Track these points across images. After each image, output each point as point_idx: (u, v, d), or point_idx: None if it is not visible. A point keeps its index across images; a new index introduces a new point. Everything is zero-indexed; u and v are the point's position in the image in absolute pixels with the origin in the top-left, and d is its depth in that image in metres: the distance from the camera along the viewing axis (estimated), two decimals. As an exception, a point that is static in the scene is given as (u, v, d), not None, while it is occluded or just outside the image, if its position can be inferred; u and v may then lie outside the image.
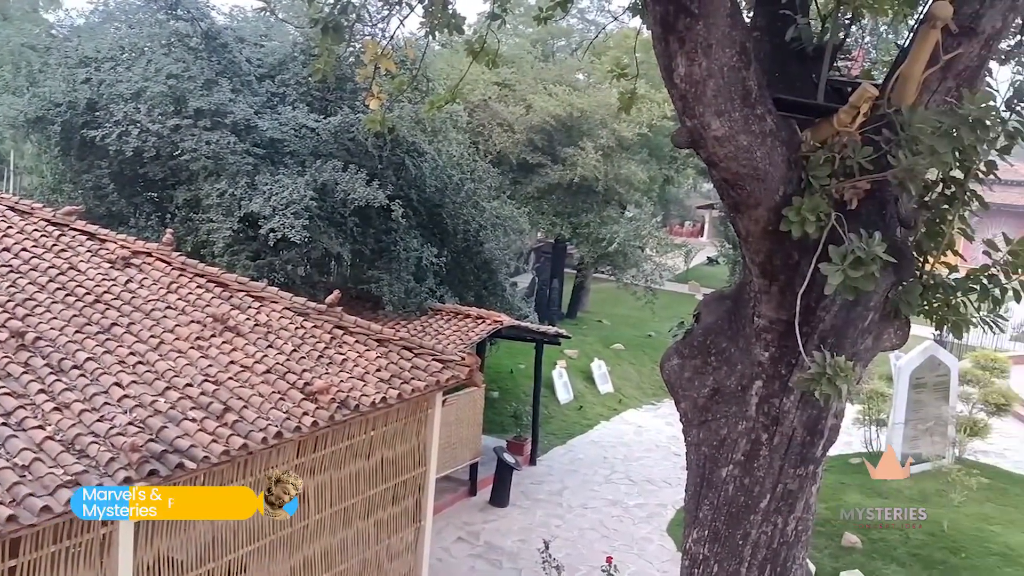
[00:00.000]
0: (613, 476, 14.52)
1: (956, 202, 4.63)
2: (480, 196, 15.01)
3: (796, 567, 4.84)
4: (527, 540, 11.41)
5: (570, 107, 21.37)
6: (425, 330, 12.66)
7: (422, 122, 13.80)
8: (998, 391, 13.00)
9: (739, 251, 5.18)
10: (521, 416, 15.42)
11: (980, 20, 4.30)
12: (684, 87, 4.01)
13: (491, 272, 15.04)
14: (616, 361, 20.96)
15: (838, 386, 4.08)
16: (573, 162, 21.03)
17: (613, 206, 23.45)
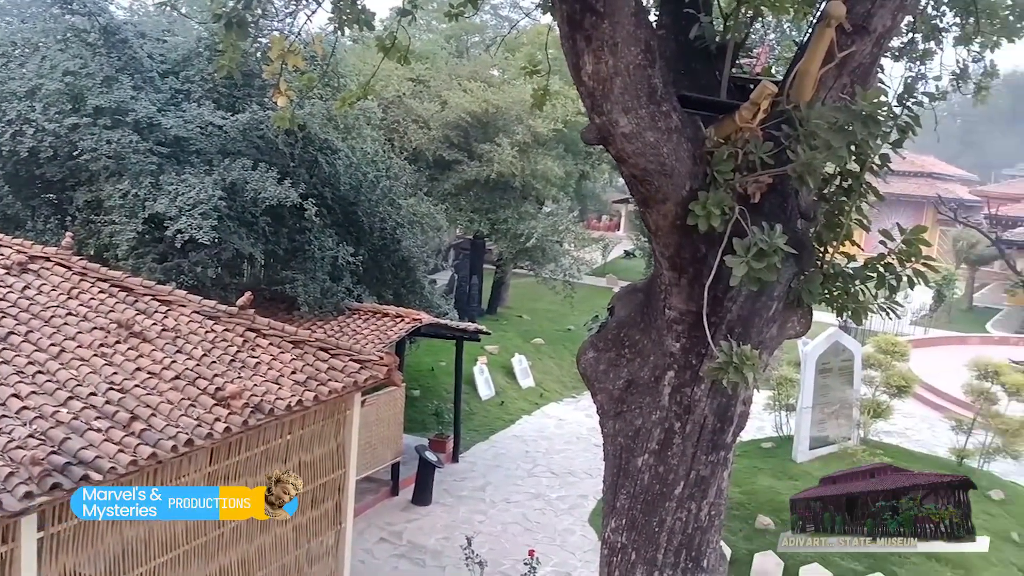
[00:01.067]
0: (535, 469, 14.64)
1: (853, 194, 4.82)
2: (396, 193, 14.89)
3: (710, 551, 4.98)
4: (450, 538, 11.40)
5: (485, 103, 21.38)
6: (343, 330, 12.49)
7: (334, 119, 13.59)
8: (899, 374, 13.60)
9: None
10: (443, 414, 15.39)
11: (872, 19, 4.49)
12: (592, 84, 4.07)
13: (409, 270, 14.95)
14: (537, 355, 21.11)
15: (744, 374, 4.21)
16: (490, 158, 21.06)
17: (531, 202, 23.59)
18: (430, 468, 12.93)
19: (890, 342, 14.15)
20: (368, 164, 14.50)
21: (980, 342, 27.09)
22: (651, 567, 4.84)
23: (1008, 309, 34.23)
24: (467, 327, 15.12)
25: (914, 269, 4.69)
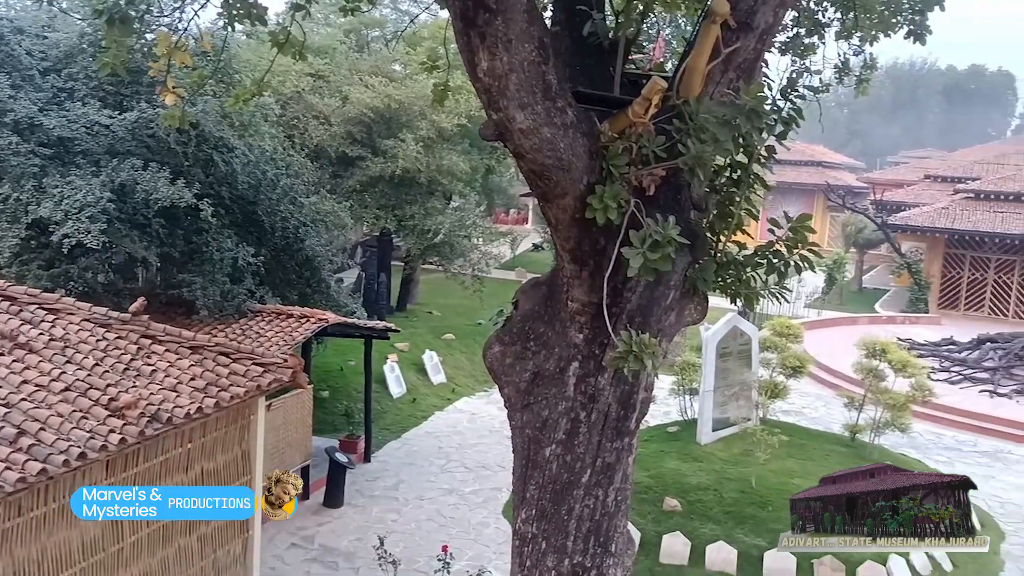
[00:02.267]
0: (449, 465, 14.64)
1: (742, 185, 4.99)
2: (297, 192, 14.58)
3: (618, 535, 5.09)
4: (363, 539, 11.29)
5: (388, 98, 21.17)
6: (245, 333, 12.18)
7: (229, 116, 13.21)
8: (794, 355, 14.18)
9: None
10: (353, 414, 15.21)
11: (755, 16, 4.66)
12: (488, 81, 4.09)
13: (314, 269, 14.68)
14: (448, 351, 21.09)
15: (644, 361, 4.33)
16: (394, 154, 20.88)
17: (437, 197, 23.51)
18: (341, 469, 12.77)
19: (785, 325, 14.74)
20: (267, 162, 14.16)
21: (869, 322, 28.48)
22: (561, 555, 4.92)
23: (894, 290, 36.13)
24: (376, 325, 14.97)
25: (800, 255, 4.91)
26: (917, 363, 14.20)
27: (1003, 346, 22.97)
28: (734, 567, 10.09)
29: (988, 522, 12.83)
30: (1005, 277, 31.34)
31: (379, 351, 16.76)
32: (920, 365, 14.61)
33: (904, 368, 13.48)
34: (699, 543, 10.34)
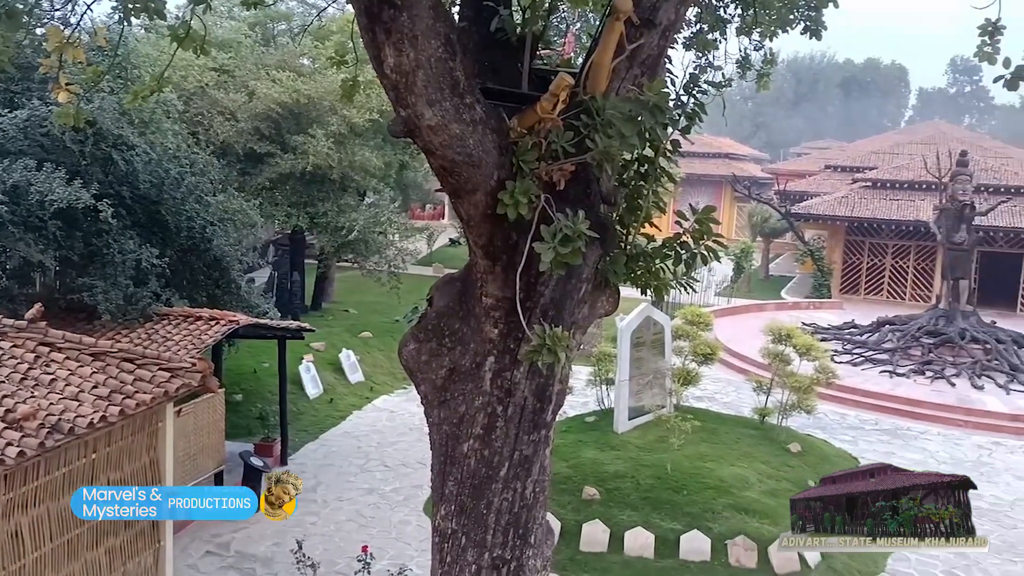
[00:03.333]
0: (368, 464, 14.50)
1: (649, 178, 5.11)
2: (203, 190, 14.15)
3: (537, 527, 5.15)
4: (281, 543, 11.08)
5: (296, 93, 20.76)
6: (151, 337, 11.77)
7: (129, 113, 12.72)
8: (705, 343, 14.58)
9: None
10: (268, 416, 14.90)
11: (657, 12, 4.76)
12: (395, 77, 4.06)
13: (223, 270, 14.28)
14: (365, 349, 20.86)
15: (558, 354, 4.39)
16: (304, 150, 20.49)
17: (351, 193, 23.20)
18: (256, 474, 12.48)
19: (696, 314, 15.13)
20: (170, 160, 13.70)
21: (776, 308, 29.51)
22: (481, 548, 4.95)
23: (799, 276, 37.52)
24: (289, 325, 14.70)
25: (706, 246, 5.06)
26: (820, 347, 14.80)
27: (900, 328, 24.12)
28: (652, 551, 10.33)
29: (888, 496, 13.47)
30: (901, 262, 32.94)
31: (294, 352, 16.46)
32: (823, 348, 15.24)
33: (808, 352, 14.02)
34: (618, 530, 10.54)
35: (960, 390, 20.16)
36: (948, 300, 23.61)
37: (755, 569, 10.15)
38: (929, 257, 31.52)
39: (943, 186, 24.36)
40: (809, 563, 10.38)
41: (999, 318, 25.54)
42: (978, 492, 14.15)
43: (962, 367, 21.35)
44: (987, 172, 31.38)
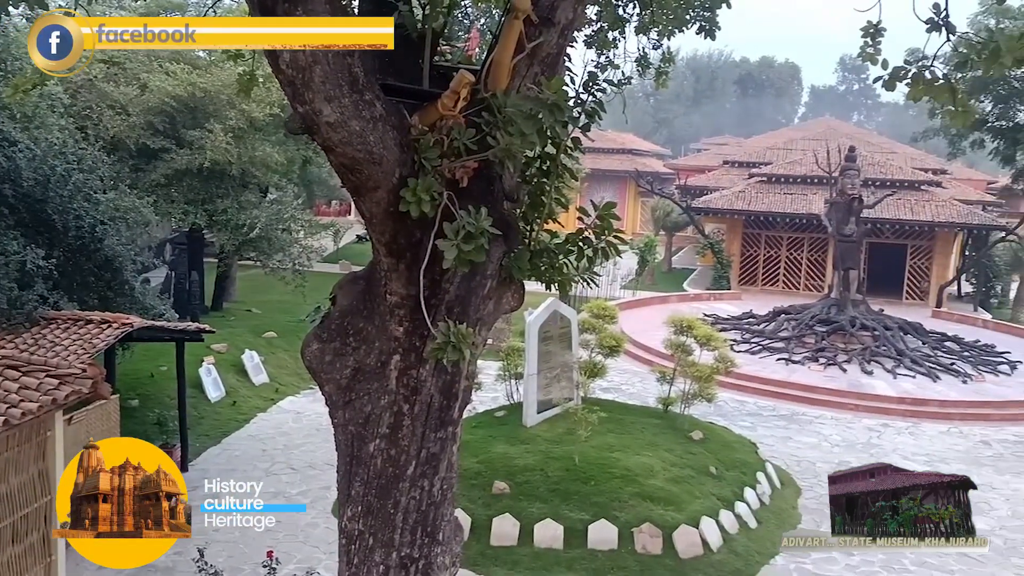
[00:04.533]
0: (274, 467, 14.19)
1: (552, 175, 5.17)
2: (93, 187, 13.52)
3: (445, 524, 5.15)
4: (183, 552, 10.67)
5: (192, 87, 20.07)
6: (38, 343, 11.17)
7: (9, 108, 12.05)
8: (610, 335, 14.84)
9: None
10: (167, 422, 14.37)
11: (556, 11, 4.82)
12: (291, 73, 3.98)
13: (115, 271, 13.69)
14: (270, 350, 20.37)
15: (463, 351, 4.41)
16: (201, 145, 19.84)
17: (252, 190, 22.61)
18: (156, 481, 12.04)
19: (602, 307, 15.39)
20: (56, 156, 13.03)
21: (679, 300, 30.33)
22: (388, 548, 4.92)
23: (700, 269, 38.67)
24: (188, 327, 14.23)
25: (607, 241, 5.16)
26: (720, 337, 15.27)
27: (795, 317, 25.15)
28: (561, 542, 10.47)
29: (788, 480, 14.06)
30: (796, 254, 34.34)
31: (194, 354, 15.93)
32: (723, 338, 15.73)
33: (708, 342, 14.45)
34: (527, 522, 10.65)
35: (851, 375, 21.18)
36: (839, 290, 24.74)
37: (660, 555, 10.43)
38: (821, 249, 32.94)
39: (833, 180, 25.51)
40: (712, 547, 10.74)
41: (886, 306, 26.95)
42: (867, 471, 14.94)
43: (853, 353, 22.42)
44: (874, 167, 33.02)
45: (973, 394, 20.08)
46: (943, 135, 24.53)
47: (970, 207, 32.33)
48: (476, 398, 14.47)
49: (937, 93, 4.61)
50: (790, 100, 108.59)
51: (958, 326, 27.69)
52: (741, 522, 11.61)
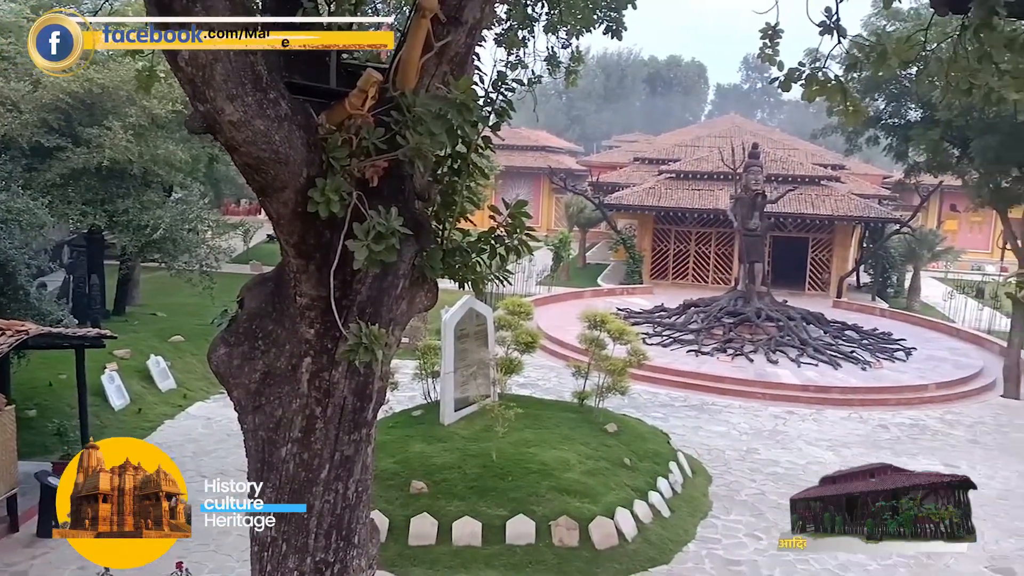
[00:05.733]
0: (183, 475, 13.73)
1: (463, 174, 5.18)
2: (-19, 188, 12.87)
3: (360, 527, 5.11)
4: (86, 567, 10.28)
5: (88, 83, 19.23)
6: (-77, 353, 10.57)
7: None
8: (526, 331, 14.96)
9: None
10: (67, 432, 13.74)
11: (463, 10, 4.83)
12: (191, 71, 3.88)
13: (8, 275, 13.05)
14: (177, 354, 19.73)
15: (375, 352, 4.38)
16: (100, 144, 19.04)
17: (155, 189, 21.81)
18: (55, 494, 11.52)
19: (517, 304, 15.49)
20: (-60, 155, 12.34)
21: (593, 295, 30.78)
22: (303, 554, 4.86)
23: (613, 264, 39.33)
24: (87, 333, 13.63)
25: (519, 239, 5.21)
26: (632, 330, 15.57)
27: (704, 310, 25.85)
28: (479, 539, 10.51)
29: (699, 468, 14.47)
30: (704, 248, 35.30)
31: (95, 360, 15.29)
32: (635, 332, 16.04)
33: (621, 336, 14.71)
34: (445, 521, 10.65)
35: (758, 365, 21.92)
36: (745, 282, 25.55)
37: (577, 547, 10.59)
38: (728, 243, 33.95)
39: (738, 177, 26.32)
40: (627, 537, 10.96)
41: (790, 297, 28.00)
42: (775, 458, 15.53)
43: (759, 344, 23.20)
44: (776, 163, 34.22)
45: (872, 380, 21.05)
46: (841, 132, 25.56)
47: (867, 201, 33.89)
48: (393, 398, 14.37)
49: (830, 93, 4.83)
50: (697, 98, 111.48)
51: (857, 315, 29.00)
52: (655, 511, 11.89)
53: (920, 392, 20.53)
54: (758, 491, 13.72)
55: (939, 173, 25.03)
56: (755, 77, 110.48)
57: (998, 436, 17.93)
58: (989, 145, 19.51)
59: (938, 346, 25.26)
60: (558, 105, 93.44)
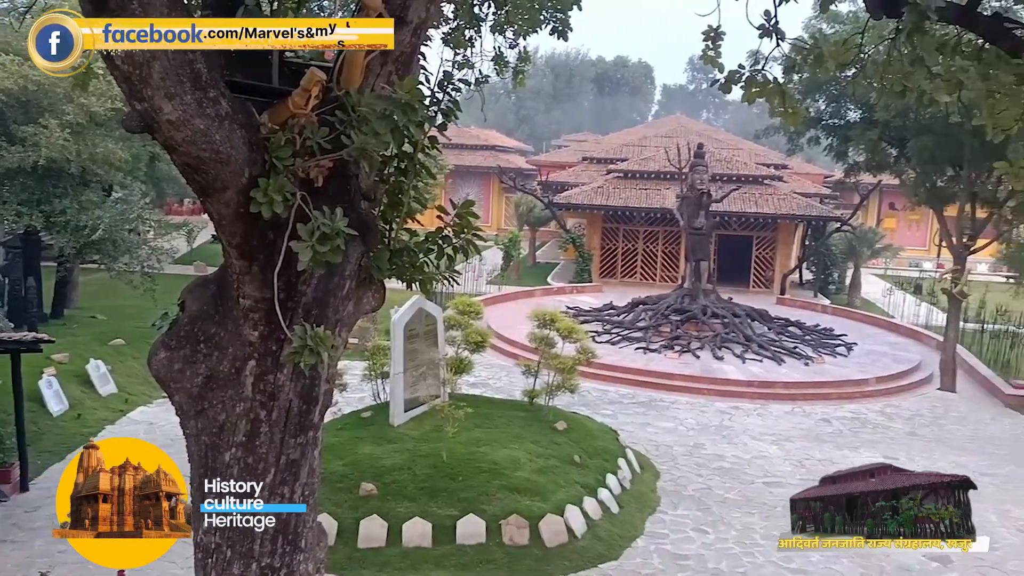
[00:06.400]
0: (126, 482, 13.43)
1: (409, 174, 5.17)
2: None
3: (307, 531, 5.05)
4: (27, 577, 10.02)
5: (23, 79, 18.63)
6: None
7: None
8: (476, 331, 14.94)
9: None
10: (3, 439, 13.32)
11: (408, 10, 4.80)
12: (127, 69, 3.80)
13: (-62, 278, 12.59)
14: (118, 358, 19.26)
15: (321, 355, 4.34)
16: (35, 142, 18.46)
17: (94, 189, 21.25)
18: (-8, 504, 11.18)
19: (467, 303, 15.47)
20: None
21: (543, 294, 30.91)
22: (248, 560, 4.78)
23: (563, 262, 39.54)
24: (23, 337, 13.25)
25: (466, 239, 5.21)
26: (582, 329, 15.67)
27: (652, 307, 26.16)
28: (430, 540, 10.48)
29: (647, 464, 14.63)
30: (652, 246, 35.70)
31: (32, 365, 14.83)
32: (585, 330, 16.16)
33: (570, 334, 14.80)
34: (395, 523, 10.58)
35: (704, 361, 22.26)
36: (691, 280, 25.92)
37: (528, 545, 10.62)
38: (675, 241, 34.39)
39: (684, 176, 26.68)
40: (577, 534, 11.03)
41: (735, 294, 28.48)
42: (721, 453, 15.79)
43: (705, 340, 23.56)
44: (721, 163, 34.77)
45: (814, 375, 21.55)
46: (783, 132, 26.08)
47: (808, 200, 34.66)
48: (342, 399, 14.24)
49: (769, 95, 4.93)
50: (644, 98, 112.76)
51: (800, 311, 29.65)
52: (604, 508, 11.99)
53: (861, 386, 21.08)
54: (704, 486, 13.93)
55: (878, 172, 25.71)
56: (700, 78, 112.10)
57: (935, 428, 18.50)
58: (925, 145, 20.12)
59: (878, 341, 25.95)
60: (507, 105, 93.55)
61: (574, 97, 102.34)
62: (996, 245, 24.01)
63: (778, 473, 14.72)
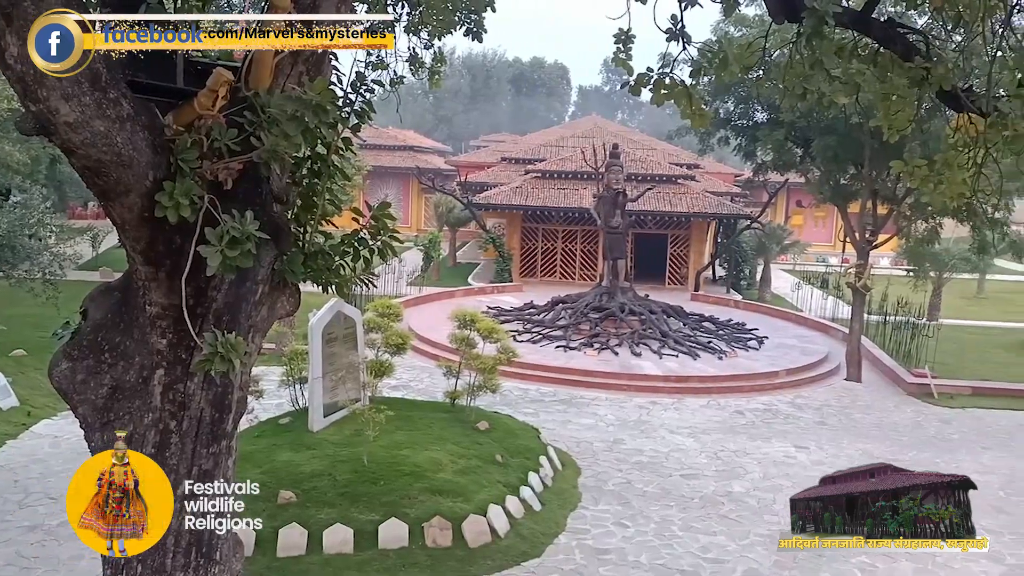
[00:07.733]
0: (28, 499, 12.82)
1: (323, 176, 5.11)
2: None
3: (222, 543, 4.93)
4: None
5: (-93, 76, 17.62)
6: None
7: None
8: (396, 333, 14.81)
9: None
10: None
11: (318, 10, 4.75)
12: (20, 69, 3.65)
13: None
14: (19, 369, 18.39)
15: (232, 362, 4.25)
16: (-77, 144, 17.51)
17: (-11, 193, 20.24)
18: None
19: (386, 305, 15.32)
20: None
21: (464, 294, 30.88)
22: (160, 574, 4.64)
23: (484, 262, 39.59)
24: (-86, 349, 12.51)
25: (383, 241, 5.18)
26: (502, 328, 15.72)
27: (571, 306, 26.42)
28: (351, 546, 10.34)
29: (568, 461, 14.77)
30: (570, 246, 36.10)
31: (-77, 379, 14.05)
32: (505, 330, 16.22)
33: (491, 334, 14.84)
34: (316, 530, 10.40)
35: (623, 358, 22.61)
36: (609, 278, 26.29)
37: (451, 547, 10.59)
38: (593, 240, 34.84)
39: (600, 176, 27.05)
40: (500, 533, 11.07)
41: (652, 291, 29.03)
42: (639, 447, 16.07)
43: (623, 337, 23.93)
44: (636, 163, 35.42)
45: (728, 369, 22.13)
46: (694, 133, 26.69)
47: (720, 198, 35.63)
48: (259, 406, 13.91)
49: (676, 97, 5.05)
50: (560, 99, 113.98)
51: (714, 307, 30.44)
52: (526, 506, 12.06)
53: (772, 378, 21.77)
54: (624, 480, 14.16)
55: (784, 171, 26.58)
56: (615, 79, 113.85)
57: (842, 417, 19.25)
58: (828, 145, 20.92)
59: (787, 334, 26.86)
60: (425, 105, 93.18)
61: (492, 98, 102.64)
62: (896, 240, 25.12)
63: (694, 465, 15.08)
